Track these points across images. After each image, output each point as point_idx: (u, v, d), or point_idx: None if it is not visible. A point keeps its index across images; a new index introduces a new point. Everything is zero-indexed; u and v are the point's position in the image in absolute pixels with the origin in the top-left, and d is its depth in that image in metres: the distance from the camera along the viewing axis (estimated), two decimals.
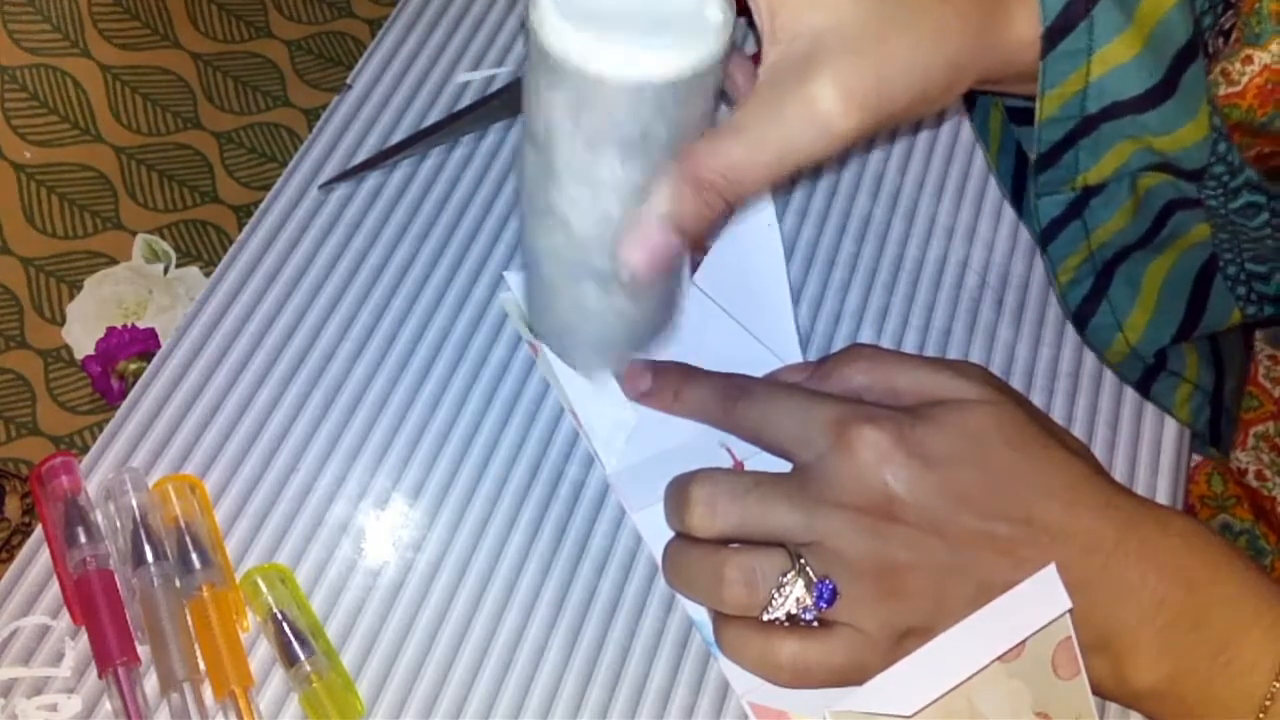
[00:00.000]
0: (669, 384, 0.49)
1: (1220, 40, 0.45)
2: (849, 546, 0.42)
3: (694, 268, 0.53)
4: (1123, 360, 0.51)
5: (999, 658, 0.41)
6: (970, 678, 0.41)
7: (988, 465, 0.42)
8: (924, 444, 0.42)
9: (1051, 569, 0.41)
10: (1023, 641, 0.41)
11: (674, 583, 0.47)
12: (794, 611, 0.43)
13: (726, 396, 0.47)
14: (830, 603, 0.42)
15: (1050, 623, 0.41)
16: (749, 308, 0.52)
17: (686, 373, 0.49)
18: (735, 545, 0.44)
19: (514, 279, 0.53)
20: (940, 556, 0.42)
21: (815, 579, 0.42)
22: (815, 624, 0.43)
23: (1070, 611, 0.41)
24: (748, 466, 0.49)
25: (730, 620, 0.45)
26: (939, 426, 0.43)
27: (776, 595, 0.43)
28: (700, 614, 0.47)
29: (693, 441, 0.49)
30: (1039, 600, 0.41)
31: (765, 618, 0.43)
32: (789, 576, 0.43)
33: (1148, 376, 0.51)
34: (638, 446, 0.50)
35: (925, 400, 0.44)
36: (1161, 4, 0.41)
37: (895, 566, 0.42)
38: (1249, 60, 0.44)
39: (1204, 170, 0.44)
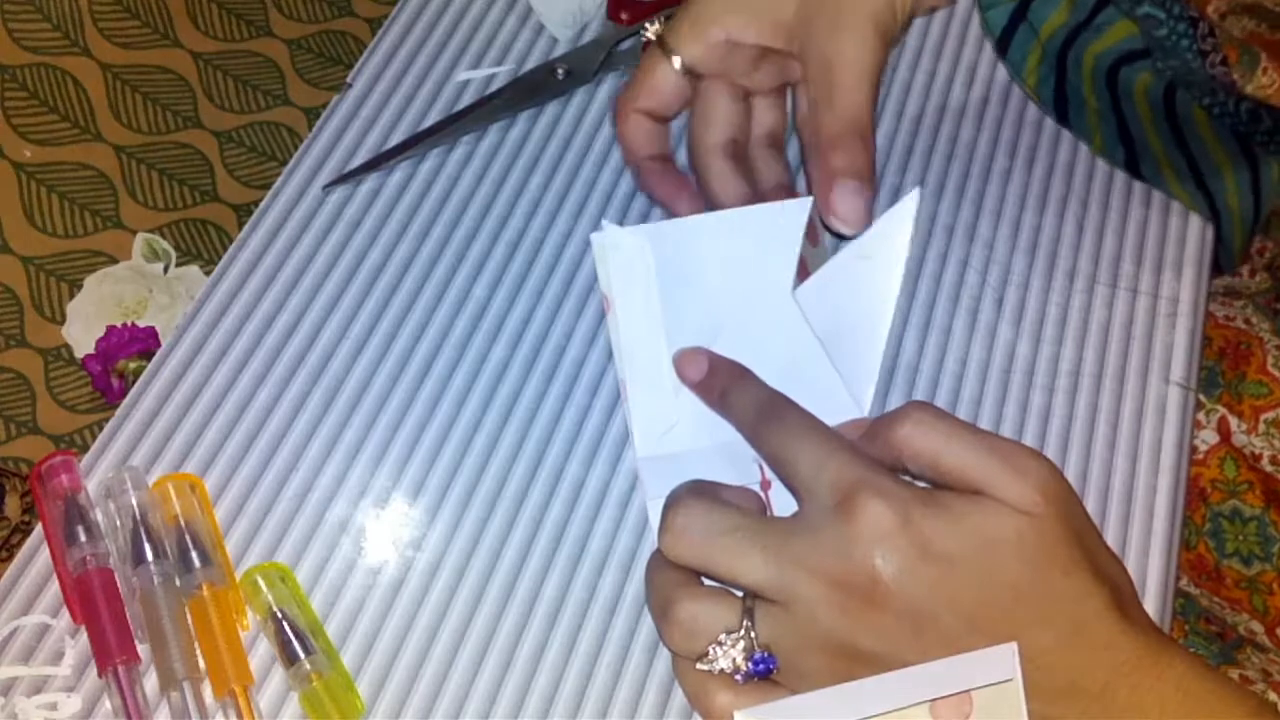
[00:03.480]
0: (718, 381, 0.48)
1: None
2: (814, 619, 0.39)
3: (814, 238, 0.52)
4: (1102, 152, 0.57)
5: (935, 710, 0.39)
6: (892, 711, 0.38)
7: (992, 576, 0.39)
8: (931, 535, 0.39)
9: (1012, 647, 0.38)
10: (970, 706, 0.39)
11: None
12: (726, 670, 0.40)
13: (762, 413, 0.45)
14: (765, 676, 0.40)
15: (994, 684, 0.38)
16: (839, 337, 0.50)
17: (739, 375, 0.47)
18: (701, 580, 0.43)
19: (614, 231, 0.50)
20: (908, 654, 0.38)
21: (757, 648, 0.40)
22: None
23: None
24: (774, 489, 0.48)
25: (675, 654, 0.43)
26: (954, 521, 0.39)
27: (714, 649, 0.40)
28: None
29: (729, 447, 0.48)
30: (989, 662, 0.38)
31: (699, 667, 0.41)
32: (730, 638, 0.40)
33: (1131, 161, 0.56)
34: (675, 439, 0.49)
35: (964, 485, 0.40)
36: None
37: (856, 652, 0.39)
38: None
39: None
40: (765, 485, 0.49)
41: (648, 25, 0.55)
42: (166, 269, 0.92)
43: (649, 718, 0.45)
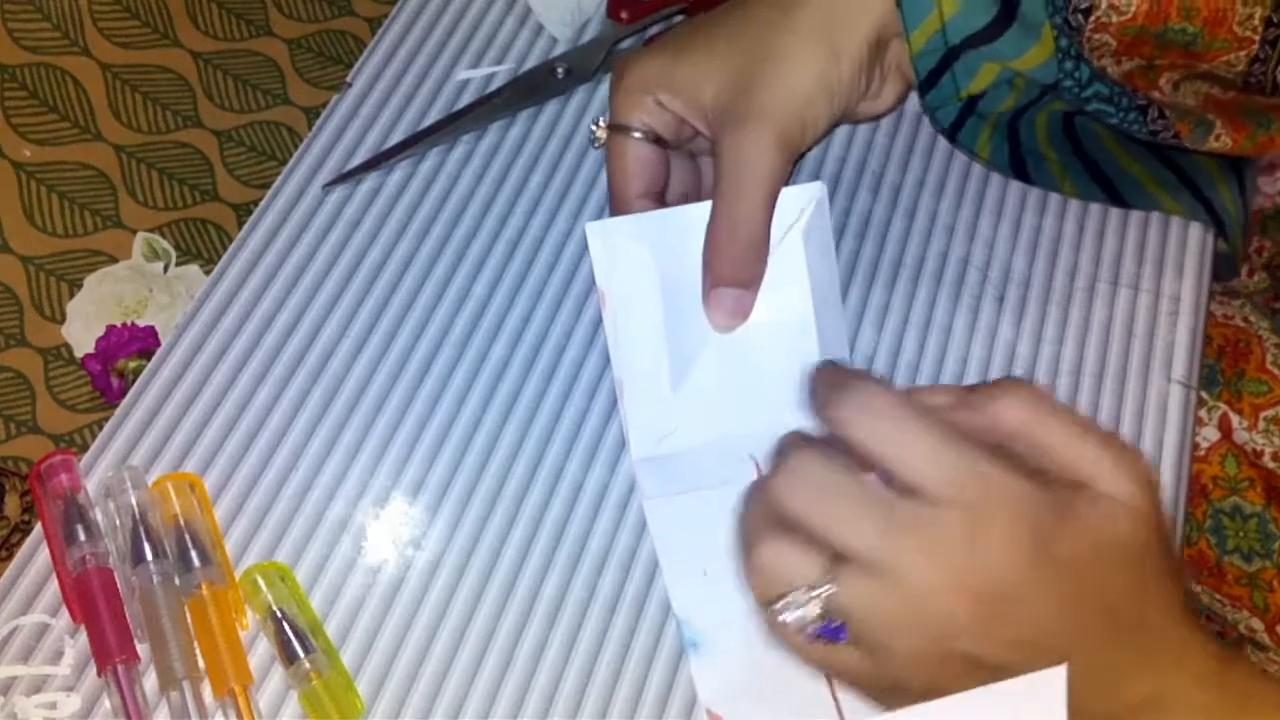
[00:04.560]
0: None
1: None
2: (922, 606, 0.38)
3: None
4: (1076, 192, 0.57)
5: None
6: None
7: (1102, 582, 0.38)
8: (1053, 540, 0.38)
9: (1061, 671, 0.37)
10: None
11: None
12: (792, 623, 0.39)
13: (838, 392, 0.41)
14: (831, 641, 0.39)
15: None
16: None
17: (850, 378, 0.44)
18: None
19: (609, 222, 0.50)
20: (1011, 661, 0.37)
21: (830, 615, 0.39)
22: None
23: None
24: None
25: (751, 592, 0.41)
26: (1075, 525, 0.38)
27: (789, 599, 0.39)
28: (684, 612, 0.47)
29: (723, 443, 0.49)
30: (1038, 695, 0.37)
31: (766, 611, 0.40)
32: (806, 594, 0.39)
33: (1112, 194, 0.57)
34: (671, 442, 0.50)
35: (1070, 475, 0.39)
36: None
37: (955, 650, 0.38)
38: None
39: (1056, 84, 0.52)
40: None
41: (595, 127, 0.52)
42: (166, 268, 0.92)
43: (649, 718, 0.45)
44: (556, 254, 0.56)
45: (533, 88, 0.60)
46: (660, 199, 0.52)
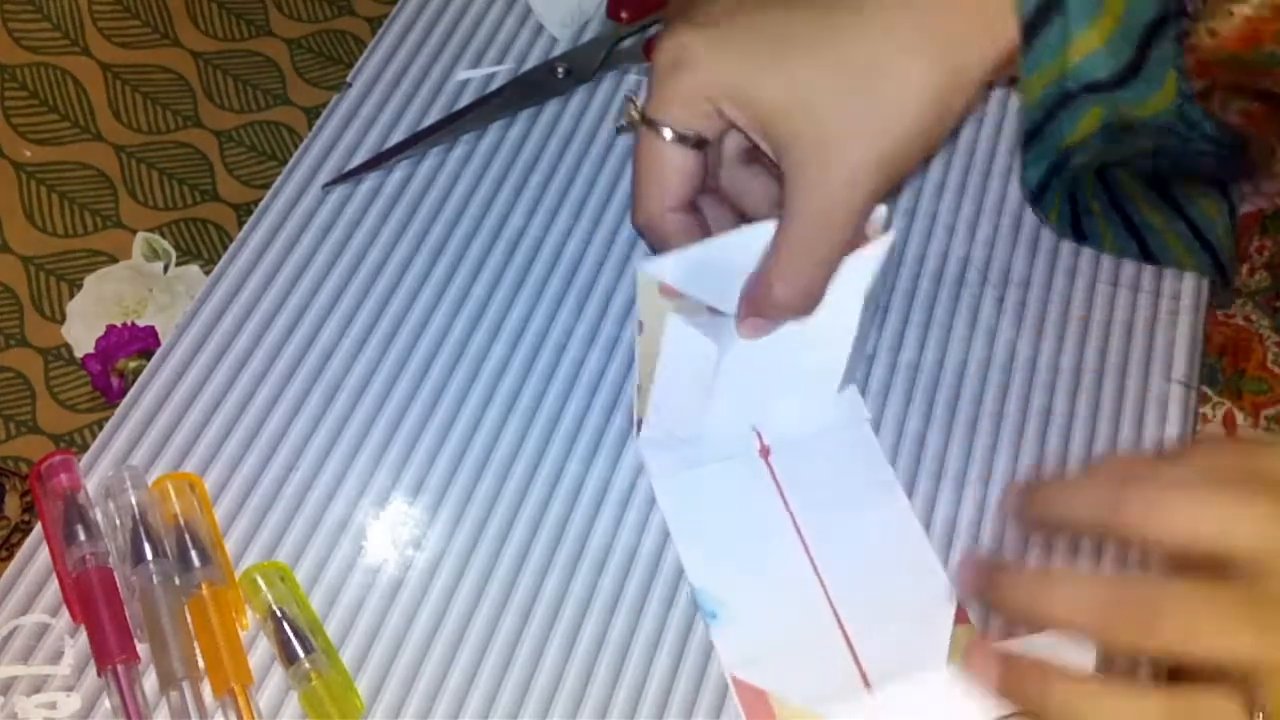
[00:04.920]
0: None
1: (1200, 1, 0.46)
2: None
3: None
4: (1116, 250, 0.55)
5: None
6: None
7: None
8: None
9: None
10: None
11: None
12: None
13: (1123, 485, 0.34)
14: None
15: None
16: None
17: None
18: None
19: (654, 267, 0.45)
20: None
21: None
22: None
23: None
24: (774, 455, 0.49)
25: None
26: None
27: None
28: (700, 581, 0.47)
29: (722, 418, 0.49)
30: None
31: None
32: None
33: (1144, 249, 0.55)
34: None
35: None
36: None
37: None
38: (1230, 15, 0.44)
39: (1167, 127, 0.47)
40: (765, 452, 0.49)
41: (631, 113, 0.45)
42: (166, 268, 0.92)
43: (649, 718, 0.45)
44: (556, 254, 0.56)
45: (533, 88, 0.60)
46: (693, 208, 0.46)
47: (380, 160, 0.57)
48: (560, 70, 0.60)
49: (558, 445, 0.51)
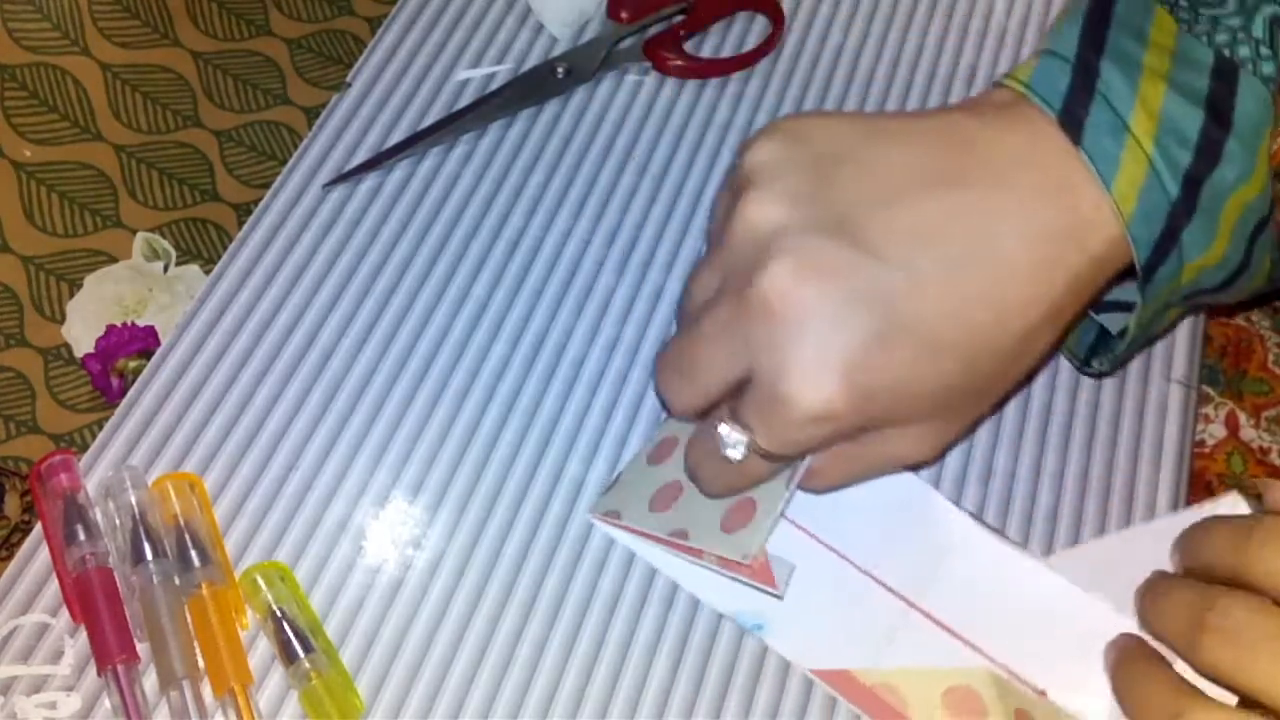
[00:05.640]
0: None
1: None
2: None
3: None
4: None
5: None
6: None
7: None
8: None
9: None
10: None
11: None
12: None
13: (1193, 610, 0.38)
14: None
15: None
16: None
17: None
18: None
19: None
20: None
21: None
22: None
23: None
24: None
25: None
26: None
27: None
28: (730, 607, 0.47)
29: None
30: None
31: None
32: None
33: None
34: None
35: None
36: (1244, 196, 0.41)
37: None
38: None
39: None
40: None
41: (740, 448, 0.42)
42: (166, 268, 0.92)
43: (648, 718, 0.45)
44: (556, 253, 0.56)
45: (533, 88, 0.60)
46: None
47: (380, 160, 0.57)
48: (560, 70, 0.60)
49: (557, 446, 0.51)
